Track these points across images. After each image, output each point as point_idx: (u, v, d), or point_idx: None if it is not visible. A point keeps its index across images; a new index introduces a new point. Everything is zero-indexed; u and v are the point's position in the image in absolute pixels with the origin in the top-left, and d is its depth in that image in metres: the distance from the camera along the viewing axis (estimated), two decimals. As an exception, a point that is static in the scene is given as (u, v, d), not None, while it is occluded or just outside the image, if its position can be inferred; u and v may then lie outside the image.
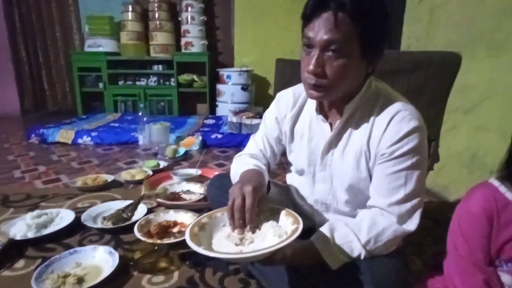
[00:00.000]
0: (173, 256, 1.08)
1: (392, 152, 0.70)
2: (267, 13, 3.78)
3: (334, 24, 0.63)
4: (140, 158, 2.24)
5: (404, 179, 0.71)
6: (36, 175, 1.89)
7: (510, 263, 0.74)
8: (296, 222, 0.67)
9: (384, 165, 0.72)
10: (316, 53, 0.66)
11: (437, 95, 1.22)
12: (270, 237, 0.66)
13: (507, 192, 0.74)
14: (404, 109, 0.71)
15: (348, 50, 0.65)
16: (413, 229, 0.73)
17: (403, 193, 0.71)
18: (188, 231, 0.67)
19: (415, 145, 0.69)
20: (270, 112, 0.93)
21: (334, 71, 0.67)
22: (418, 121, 0.70)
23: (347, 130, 0.77)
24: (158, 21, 3.76)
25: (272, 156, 0.94)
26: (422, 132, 0.70)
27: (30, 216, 1.24)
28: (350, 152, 0.77)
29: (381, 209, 0.73)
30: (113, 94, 3.82)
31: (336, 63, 0.66)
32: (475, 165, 1.50)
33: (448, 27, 1.69)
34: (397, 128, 0.70)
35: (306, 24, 0.68)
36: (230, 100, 3.61)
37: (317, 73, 0.67)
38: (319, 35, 0.65)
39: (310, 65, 0.67)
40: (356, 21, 0.63)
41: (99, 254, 1.04)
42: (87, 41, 3.80)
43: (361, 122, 0.75)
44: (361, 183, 0.78)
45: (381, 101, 0.74)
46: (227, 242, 0.68)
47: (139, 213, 1.32)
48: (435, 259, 1.08)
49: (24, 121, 3.64)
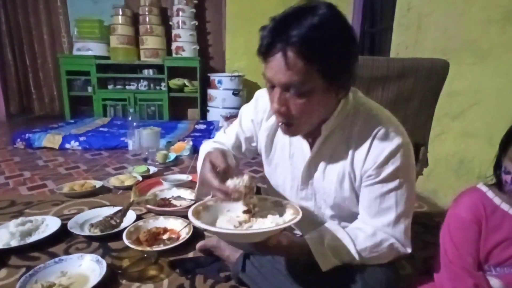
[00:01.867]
0: (163, 264, 1.06)
1: (379, 173, 0.68)
2: (258, 19, 3.78)
3: (285, 66, 0.59)
4: (130, 164, 2.20)
5: (394, 199, 0.69)
6: (21, 181, 1.83)
7: (498, 268, 0.75)
8: (296, 213, 0.68)
9: (372, 187, 0.70)
10: (277, 93, 0.63)
11: (426, 101, 1.23)
12: (268, 224, 0.68)
13: (495, 197, 0.75)
14: (385, 125, 0.68)
15: (309, 88, 0.61)
16: (409, 251, 0.73)
17: (394, 214, 0.70)
18: (192, 208, 0.70)
19: (401, 164, 0.67)
20: (247, 111, 0.89)
21: (298, 110, 0.64)
22: (401, 137, 0.68)
23: (327, 149, 0.74)
24: (148, 25, 3.74)
25: (237, 153, 0.93)
26: (406, 148, 0.68)
27: (13, 224, 1.20)
28: (332, 173, 0.75)
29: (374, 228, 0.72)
30: (102, 99, 3.77)
31: (299, 102, 0.63)
32: (462, 170, 1.53)
33: (436, 34, 1.72)
34: (380, 148, 0.67)
35: (264, 62, 0.64)
36: (221, 105, 3.61)
37: (281, 113, 0.65)
38: (276, 78, 0.62)
39: (274, 103, 0.64)
40: (310, 59, 0.58)
41: (86, 263, 1.01)
42: (76, 44, 3.75)
43: (341, 141, 0.73)
44: (345, 201, 0.76)
45: (361, 117, 0.71)
46: (227, 225, 0.69)
47: (128, 220, 1.29)
48: (425, 264, 1.09)
49: (10, 125, 3.55)
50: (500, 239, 0.74)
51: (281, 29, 0.60)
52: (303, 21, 0.58)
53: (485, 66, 1.41)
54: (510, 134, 0.70)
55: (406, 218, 0.71)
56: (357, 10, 2.84)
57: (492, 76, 1.38)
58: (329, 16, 0.59)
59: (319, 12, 0.59)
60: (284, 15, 0.61)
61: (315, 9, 0.59)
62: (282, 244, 0.66)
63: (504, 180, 0.70)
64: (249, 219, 0.71)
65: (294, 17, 0.60)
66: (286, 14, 0.61)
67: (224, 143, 0.92)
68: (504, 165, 0.70)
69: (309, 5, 0.61)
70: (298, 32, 0.57)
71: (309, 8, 0.60)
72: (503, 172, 0.71)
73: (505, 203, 0.74)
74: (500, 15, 1.33)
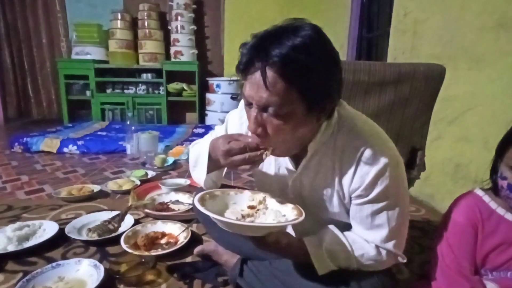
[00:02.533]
0: (161, 269, 1.05)
1: (368, 194, 0.66)
2: (256, 23, 3.81)
3: (264, 86, 0.57)
4: (128, 168, 2.20)
5: (386, 217, 0.68)
6: (18, 185, 1.83)
7: (495, 272, 0.76)
8: (299, 215, 0.67)
9: (362, 207, 0.69)
10: (254, 113, 0.61)
11: (422, 105, 1.25)
12: (270, 220, 0.68)
13: (491, 202, 0.76)
14: (371, 143, 0.65)
15: (287, 110, 0.58)
16: (404, 261, 0.73)
17: (387, 230, 0.68)
18: (199, 194, 0.70)
19: (390, 182, 0.65)
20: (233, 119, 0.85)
21: (275, 132, 0.61)
22: (387, 155, 0.65)
23: (313, 166, 0.72)
24: (147, 30, 3.76)
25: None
26: (394, 165, 0.65)
27: (11, 228, 1.19)
28: (319, 189, 0.73)
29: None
30: (101, 103, 3.77)
31: (276, 124, 0.60)
32: (459, 175, 1.54)
33: (432, 40, 1.74)
34: (367, 168, 0.65)
35: (243, 79, 0.62)
36: (220, 109, 3.61)
37: (258, 134, 0.62)
38: (254, 97, 0.59)
39: (251, 123, 0.62)
40: (290, 80, 0.56)
41: (83, 268, 1.01)
42: (75, 49, 3.76)
43: (326, 157, 0.70)
44: (335, 216, 0.75)
45: (345, 133, 0.68)
46: (230, 216, 0.69)
47: (126, 224, 1.29)
48: (422, 269, 1.09)
49: (7, 129, 3.54)
50: (496, 243, 0.74)
51: (261, 47, 0.58)
52: (285, 41, 0.56)
53: (480, 72, 1.43)
54: (506, 140, 0.71)
55: (399, 233, 0.70)
56: (355, 16, 2.87)
57: (487, 81, 1.40)
58: (312, 38, 0.57)
59: (302, 33, 0.57)
60: (266, 33, 0.59)
61: (299, 29, 0.58)
62: (281, 242, 0.66)
63: (500, 185, 0.71)
64: (253, 214, 0.71)
65: (276, 36, 0.57)
66: (268, 33, 0.59)
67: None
68: (500, 171, 0.71)
69: (293, 25, 0.59)
70: (279, 51, 0.55)
71: (292, 28, 0.58)
72: (499, 178, 0.71)
73: (501, 207, 0.75)
74: (494, 21, 1.35)
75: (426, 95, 1.23)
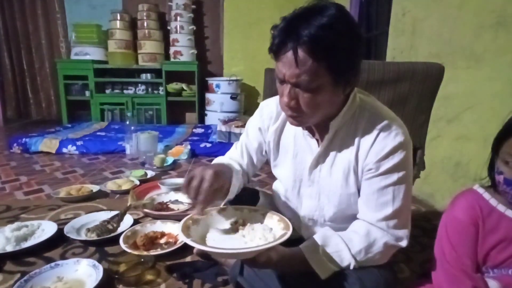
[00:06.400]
0: (160, 268, 1.05)
1: (378, 167, 0.71)
2: (255, 23, 3.83)
3: (295, 64, 0.62)
4: (127, 168, 2.19)
5: (392, 195, 0.71)
6: (17, 186, 1.82)
7: (496, 269, 0.75)
8: (286, 228, 0.68)
9: (372, 180, 0.72)
10: (287, 88, 0.67)
11: (422, 104, 1.24)
12: (257, 240, 0.68)
13: (491, 199, 0.75)
14: (390, 124, 0.72)
15: (317, 84, 0.64)
16: (404, 244, 0.74)
17: (391, 209, 0.71)
18: (182, 223, 0.70)
19: (400, 160, 0.70)
20: (253, 121, 0.93)
21: (307, 105, 0.67)
22: (404, 136, 0.71)
23: (334, 145, 0.77)
24: (146, 30, 3.76)
25: (250, 165, 0.94)
26: (407, 147, 0.71)
27: (9, 229, 1.19)
28: (339, 168, 0.77)
29: (370, 224, 0.73)
30: (100, 103, 3.76)
31: (307, 98, 0.66)
32: (459, 173, 1.54)
33: (431, 39, 1.74)
34: (383, 144, 0.70)
35: (275, 59, 0.67)
36: (219, 109, 3.61)
37: (291, 107, 0.68)
38: (287, 75, 0.65)
39: (284, 97, 0.68)
40: (319, 57, 0.61)
41: (82, 268, 1.00)
42: (74, 49, 3.76)
43: (347, 137, 0.75)
44: (350, 198, 0.78)
45: (366, 116, 0.74)
46: (217, 237, 0.70)
47: (125, 224, 1.29)
48: (423, 267, 1.09)
49: (6, 130, 3.53)
50: (497, 241, 0.74)
51: (291, 28, 0.62)
52: (313, 21, 0.61)
53: (479, 70, 1.43)
54: (500, 136, 0.71)
55: (402, 214, 0.73)
56: (353, 15, 2.87)
57: (486, 79, 1.40)
58: (337, 16, 0.62)
59: (328, 13, 0.62)
60: (295, 15, 0.64)
61: (324, 9, 0.62)
62: (272, 259, 0.66)
63: (497, 181, 0.71)
64: (237, 229, 0.74)
65: (304, 17, 0.62)
66: (296, 14, 0.64)
67: (235, 159, 0.93)
68: (497, 166, 0.71)
69: (318, 6, 0.64)
70: (308, 32, 0.60)
71: (318, 8, 0.63)
72: (496, 173, 0.71)
73: (501, 204, 0.75)
74: (492, 20, 1.35)
75: (425, 93, 1.23)
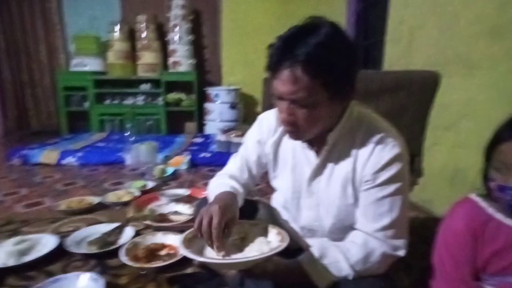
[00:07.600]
0: (161, 281, 1.05)
1: (375, 178, 0.72)
2: (253, 33, 3.88)
3: (292, 82, 0.64)
4: (127, 179, 2.20)
5: (389, 206, 0.72)
6: (17, 199, 1.82)
7: (496, 277, 0.76)
8: (283, 241, 0.69)
9: (369, 192, 0.73)
10: (285, 105, 0.68)
11: (419, 112, 1.26)
12: (253, 252, 0.69)
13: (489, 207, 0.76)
14: (387, 136, 0.73)
15: (314, 100, 0.65)
16: (401, 254, 0.74)
17: (389, 219, 0.72)
18: (182, 237, 0.71)
19: (396, 172, 0.71)
20: (252, 134, 0.93)
21: (304, 120, 0.69)
22: (400, 148, 0.72)
23: (332, 157, 0.78)
24: (145, 41, 3.79)
25: (249, 178, 0.95)
26: (403, 159, 0.72)
27: (10, 243, 1.19)
28: (337, 180, 0.77)
29: (368, 234, 0.74)
30: (99, 114, 3.78)
31: (305, 113, 0.68)
32: (456, 180, 1.54)
33: (427, 47, 1.77)
34: (380, 156, 0.72)
35: (272, 77, 0.69)
36: (219, 118, 3.63)
37: (289, 122, 0.70)
38: (284, 92, 0.66)
39: (282, 113, 0.70)
40: (315, 75, 0.63)
41: (83, 281, 1.00)
42: (73, 60, 3.79)
43: (345, 149, 0.76)
44: (348, 209, 0.78)
45: (363, 128, 0.75)
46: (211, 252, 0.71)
47: (126, 237, 1.29)
48: (422, 275, 1.09)
49: (6, 141, 3.54)
50: (496, 249, 0.74)
51: (287, 47, 0.64)
52: (308, 40, 0.62)
53: (475, 78, 1.45)
54: (491, 144, 0.72)
55: (399, 224, 0.73)
56: (350, 24, 2.91)
57: (482, 87, 1.41)
58: (332, 34, 0.64)
59: (322, 31, 0.63)
60: (290, 33, 0.66)
61: (319, 27, 0.64)
62: (268, 271, 0.67)
63: (491, 188, 0.72)
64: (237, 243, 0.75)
65: (299, 36, 0.64)
66: (292, 33, 0.65)
67: (235, 176, 0.94)
68: (490, 173, 0.72)
69: (313, 24, 0.65)
70: (304, 50, 0.62)
71: (313, 26, 0.64)
72: (490, 180, 0.72)
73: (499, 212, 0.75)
74: (488, 28, 1.37)
75: (422, 102, 1.25)
